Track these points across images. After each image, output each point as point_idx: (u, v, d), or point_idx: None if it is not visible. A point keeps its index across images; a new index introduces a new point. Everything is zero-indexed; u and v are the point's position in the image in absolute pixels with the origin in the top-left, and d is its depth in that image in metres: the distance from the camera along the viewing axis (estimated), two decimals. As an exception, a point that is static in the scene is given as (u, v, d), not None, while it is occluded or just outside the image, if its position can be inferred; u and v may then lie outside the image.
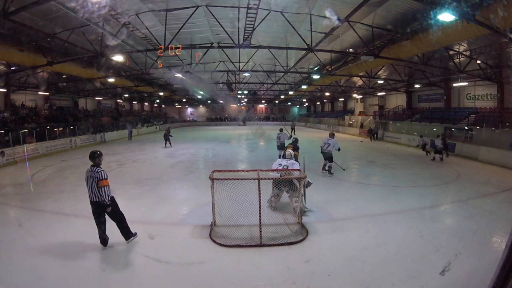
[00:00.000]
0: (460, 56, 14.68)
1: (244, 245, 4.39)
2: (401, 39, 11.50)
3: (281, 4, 9.95)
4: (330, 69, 17.31)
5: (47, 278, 3.59)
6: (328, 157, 9.30)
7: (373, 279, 3.55)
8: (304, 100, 44.96)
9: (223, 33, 11.65)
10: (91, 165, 4.30)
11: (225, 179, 4.69)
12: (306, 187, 5.77)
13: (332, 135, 9.76)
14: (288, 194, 5.55)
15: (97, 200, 4.16)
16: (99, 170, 4.21)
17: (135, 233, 4.60)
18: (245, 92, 30.61)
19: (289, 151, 6.19)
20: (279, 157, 7.82)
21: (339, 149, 9.38)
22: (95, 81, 21.33)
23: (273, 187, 5.58)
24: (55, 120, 19.05)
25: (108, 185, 4.22)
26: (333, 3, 9.56)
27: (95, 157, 4.32)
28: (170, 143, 17.40)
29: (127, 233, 4.47)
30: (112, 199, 4.34)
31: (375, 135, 22.08)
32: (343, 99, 34.80)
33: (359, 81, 23.67)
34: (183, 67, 16.88)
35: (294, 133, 18.78)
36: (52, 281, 3.55)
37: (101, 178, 4.14)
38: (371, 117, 26.72)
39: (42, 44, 11.91)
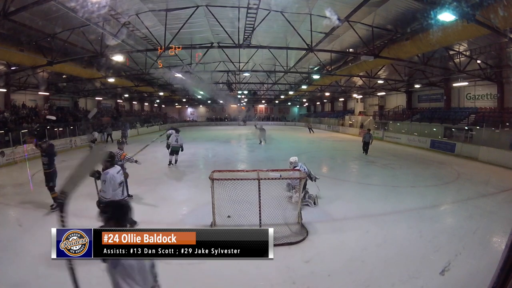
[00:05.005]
0: (460, 56, 14.66)
1: (244, 245, 4.38)
2: (401, 39, 11.49)
3: (281, 4, 9.94)
4: (330, 69, 17.29)
5: (47, 278, 3.59)
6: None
7: (373, 279, 3.55)
8: (304, 100, 44.91)
9: (223, 33, 11.65)
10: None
11: (225, 179, 4.70)
12: (315, 181, 6.30)
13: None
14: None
15: None
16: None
17: None
18: (245, 92, 30.59)
19: (294, 158, 6.21)
20: None
21: None
22: (95, 81, 21.26)
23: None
24: (55, 120, 19.02)
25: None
26: (333, 3, 9.55)
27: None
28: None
29: None
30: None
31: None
32: (343, 99, 34.76)
33: (359, 81, 23.65)
34: (183, 67, 16.86)
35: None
36: (52, 281, 3.54)
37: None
38: (371, 117, 26.70)
39: (42, 44, 11.90)
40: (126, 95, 31.04)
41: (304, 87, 24.39)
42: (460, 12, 7.23)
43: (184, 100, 40.70)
